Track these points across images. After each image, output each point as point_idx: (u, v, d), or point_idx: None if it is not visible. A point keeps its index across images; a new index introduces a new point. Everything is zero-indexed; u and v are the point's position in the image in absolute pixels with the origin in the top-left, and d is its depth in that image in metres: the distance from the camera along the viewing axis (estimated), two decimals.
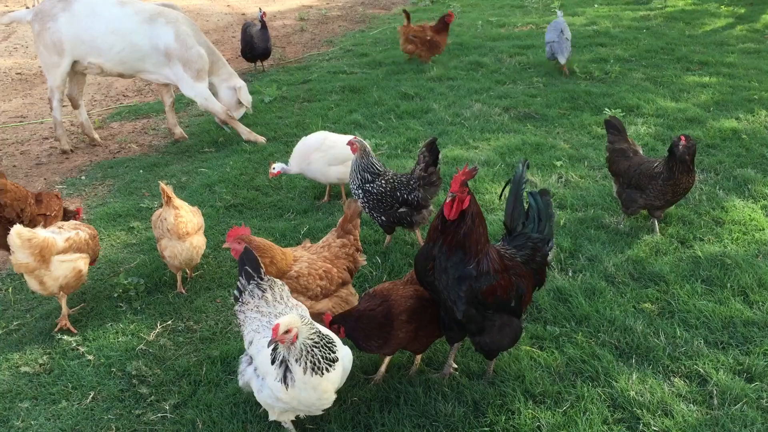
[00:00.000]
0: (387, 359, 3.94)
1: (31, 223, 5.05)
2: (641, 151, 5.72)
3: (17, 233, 4.29)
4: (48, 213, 5.27)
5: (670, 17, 12.91)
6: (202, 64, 7.65)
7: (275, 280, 3.61)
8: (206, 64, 7.71)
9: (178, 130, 8.14)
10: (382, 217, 5.17)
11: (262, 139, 7.80)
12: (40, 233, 4.41)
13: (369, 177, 5.10)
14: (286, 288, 3.65)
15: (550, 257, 4.00)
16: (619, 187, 5.56)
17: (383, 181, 5.10)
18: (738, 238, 5.31)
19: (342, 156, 5.74)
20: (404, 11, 10.70)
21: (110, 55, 7.36)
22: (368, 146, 5.21)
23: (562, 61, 9.33)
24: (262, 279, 3.57)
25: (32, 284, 4.51)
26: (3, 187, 5.03)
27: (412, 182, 5.09)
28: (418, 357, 4.03)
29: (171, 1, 8.31)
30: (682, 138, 5.16)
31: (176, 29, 7.49)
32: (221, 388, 3.98)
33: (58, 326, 4.60)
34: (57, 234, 4.54)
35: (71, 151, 7.97)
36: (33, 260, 4.35)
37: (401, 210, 5.10)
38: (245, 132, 7.85)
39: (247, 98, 8.05)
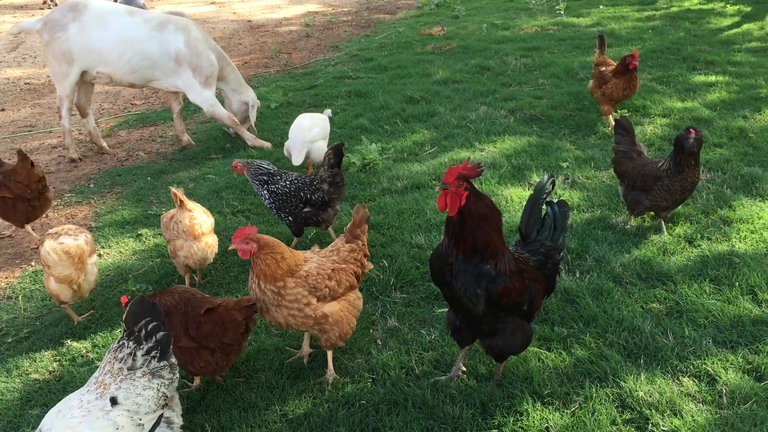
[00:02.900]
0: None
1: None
2: (646, 153, 5.70)
3: (52, 249, 4.38)
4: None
5: (676, 17, 12.88)
6: (212, 71, 7.69)
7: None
8: (216, 70, 7.76)
9: (186, 138, 8.18)
10: (289, 217, 5.35)
11: (268, 145, 7.83)
12: (69, 242, 4.49)
13: (266, 179, 5.34)
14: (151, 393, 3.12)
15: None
16: (625, 188, 5.55)
17: (287, 182, 5.32)
18: (746, 237, 5.29)
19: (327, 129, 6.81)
20: (599, 36, 8.29)
21: (120, 63, 7.40)
22: (248, 161, 5.51)
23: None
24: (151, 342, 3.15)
25: (65, 294, 4.59)
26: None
27: (315, 183, 5.31)
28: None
29: (180, 8, 8.35)
30: (691, 130, 5.12)
31: (186, 35, 7.55)
32: (230, 393, 4.00)
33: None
34: (76, 239, 4.60)
35: (80, 159, 8.02)
36: (74, 270, 4.49)
37: (306, 210, 5.31)
38: (250, 138, 7.89)
39: (254, 118, 8.10)
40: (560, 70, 9.88)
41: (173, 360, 3.22)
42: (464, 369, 4.03)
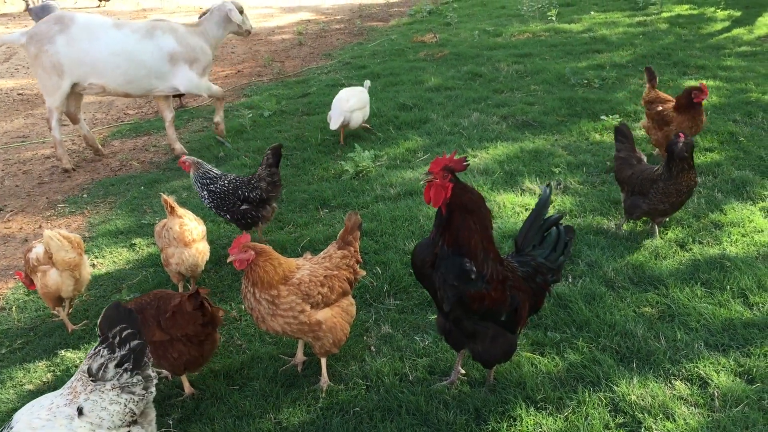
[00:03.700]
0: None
1: None
2: (645, 160, 5.74)
3: (52, 236, 4.55)
4: None
5: (666, 22, 12.96)
6: (207, 61, 7.93)
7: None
8: (210, 58, 7.99)
9: (179, 146, 8.19)
10: (228, 215, 5.56)
11: (222, 131, 8.36)
12: (63, 233, 4.67)
13: (207, 181, 5.54)
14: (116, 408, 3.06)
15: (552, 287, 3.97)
16: (626, 195, 5.59)
17: (225, 182, 5.53)
18: (737, 240, 5.32)
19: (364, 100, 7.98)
20: (648, 68, 7.19)
21: (115, 75, 7.45)
22: (198, 161, 5.63)
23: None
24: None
25: (66, 286, 4.70)
26: None
27: (253, 182, 5.54)
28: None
29: (169, 17, 8.45)
30: (680, 135, 5.17)
31: (175, 35, 7.68)
32: (224, 402, 4.00)
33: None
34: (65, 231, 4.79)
35: (73, 169, 8.03)
36: (76, 254, 4.66)
37: (243, 207, 5.51)
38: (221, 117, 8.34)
39: (237, 18, 8.15)
40: (552, 76, 9.93)
41: (150, 372, 3.16)
42: (463, 372, 4.04)
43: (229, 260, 3.81)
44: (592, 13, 14.38)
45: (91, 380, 3.01)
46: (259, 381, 4.14)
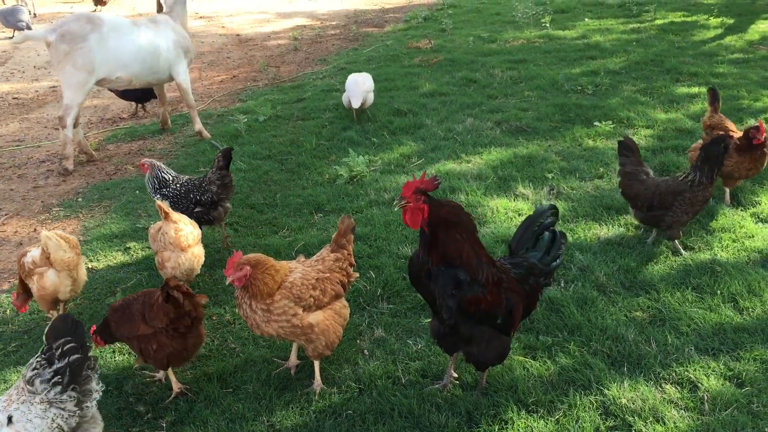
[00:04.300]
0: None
1: None
2: (652, 173, 5.56)
3: (50, 236, 4.59)
4: None
5: (660, 29, 13.05)
6: (191, 47, 8.75)
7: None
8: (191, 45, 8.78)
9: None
10: None
11: (207, 135, 8.85)
12: (60, 233, 4.73)
13: (159, 185, 5.65)
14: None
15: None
16: (637, 211, 5.45)
17: (178, 185, 5.63)
18: (728, 246, 5.37)
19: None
20: (711, 89, 6.62)
21: (144, 68, 8.13)
22: (157, 163, 5.78)
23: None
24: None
25: (64, 287, 4.71)
26: None
27: (204, 185, 5.63)
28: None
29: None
30: (731, 136, 5.16)
31: (173, 25, 8.45)
32: (217, 405, 4.02)
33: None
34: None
35: (71, 172, 8.06)
36: (74, 254, 4.69)
37: (197, 210, 5.59)
38: (196, 117, 8.92)
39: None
40: (546, 82, 9.99)
41: (91, 387, 3.15)
42: (456, 375, 4.07)
43: (227, 282, 3.82)
44: (586, 19, 14.47)
45: (28, 390, 3.00)
46: (253, 384, 4.16)
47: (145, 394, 4.17)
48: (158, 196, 5.59)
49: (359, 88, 8.66)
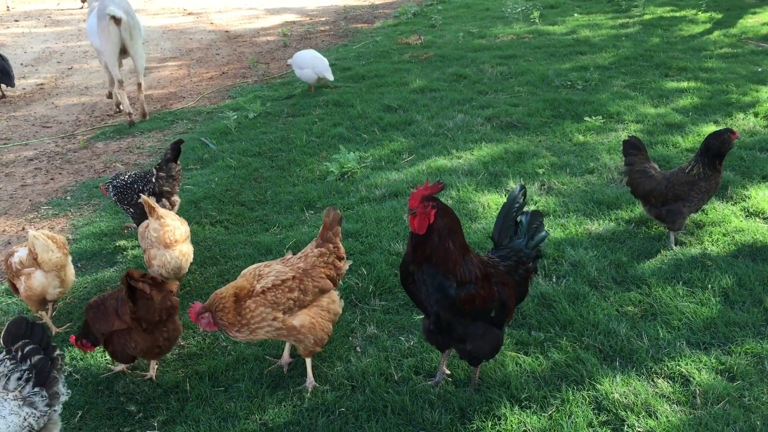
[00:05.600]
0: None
1: None
2: (658, 167, 5.59)
3: (37, 236, 4.52)
4: None
5: (649, 24, 13.08)
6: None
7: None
8: None
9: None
10: (131, 209, 5.72)
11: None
12: (48, 233, 4.66)
13: (111, 178, 5.81)
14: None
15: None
16: (651, 207, 5.44)
17: (126, 177, 5.77)
18: (718, 240, 5.39)
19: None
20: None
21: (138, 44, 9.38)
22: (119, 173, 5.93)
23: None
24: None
25: (52, 287, 4.66)
26: None
27: (148, 176, 5.73)
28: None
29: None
30: (735, 132, 5.15)
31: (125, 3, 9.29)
32: (209, 403, 4.00)
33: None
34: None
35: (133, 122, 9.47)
36: (62, 254, 4.63)
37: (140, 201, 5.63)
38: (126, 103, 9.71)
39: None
40: (536, 77, 10.00)
41: (58, 389, 3.16)
42: (448, 372, 4.06)
43: (200, 330, 3.91)
44: (575, 15, 14.49)
45: (1, 388, 3.01)
46: (245, 382, 4.14)
47: (136, 393, 4.14)
48: (111, 188, 5.70)
49: (325, 63, 9.81)
